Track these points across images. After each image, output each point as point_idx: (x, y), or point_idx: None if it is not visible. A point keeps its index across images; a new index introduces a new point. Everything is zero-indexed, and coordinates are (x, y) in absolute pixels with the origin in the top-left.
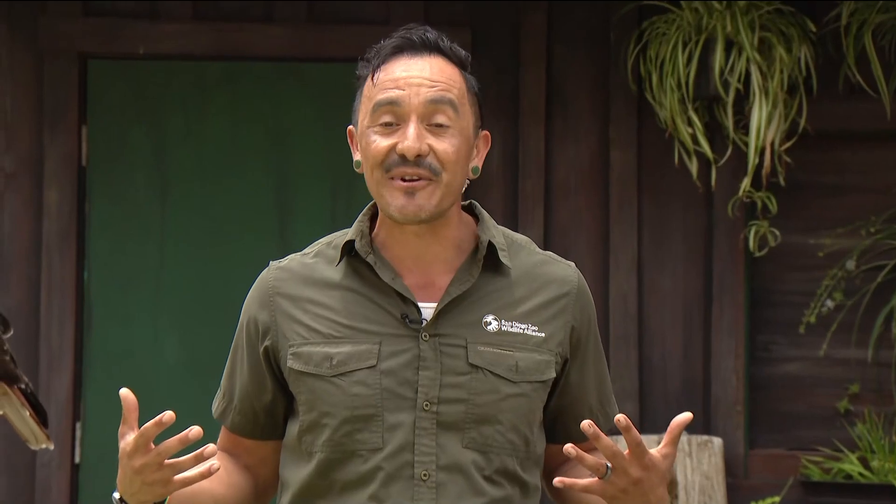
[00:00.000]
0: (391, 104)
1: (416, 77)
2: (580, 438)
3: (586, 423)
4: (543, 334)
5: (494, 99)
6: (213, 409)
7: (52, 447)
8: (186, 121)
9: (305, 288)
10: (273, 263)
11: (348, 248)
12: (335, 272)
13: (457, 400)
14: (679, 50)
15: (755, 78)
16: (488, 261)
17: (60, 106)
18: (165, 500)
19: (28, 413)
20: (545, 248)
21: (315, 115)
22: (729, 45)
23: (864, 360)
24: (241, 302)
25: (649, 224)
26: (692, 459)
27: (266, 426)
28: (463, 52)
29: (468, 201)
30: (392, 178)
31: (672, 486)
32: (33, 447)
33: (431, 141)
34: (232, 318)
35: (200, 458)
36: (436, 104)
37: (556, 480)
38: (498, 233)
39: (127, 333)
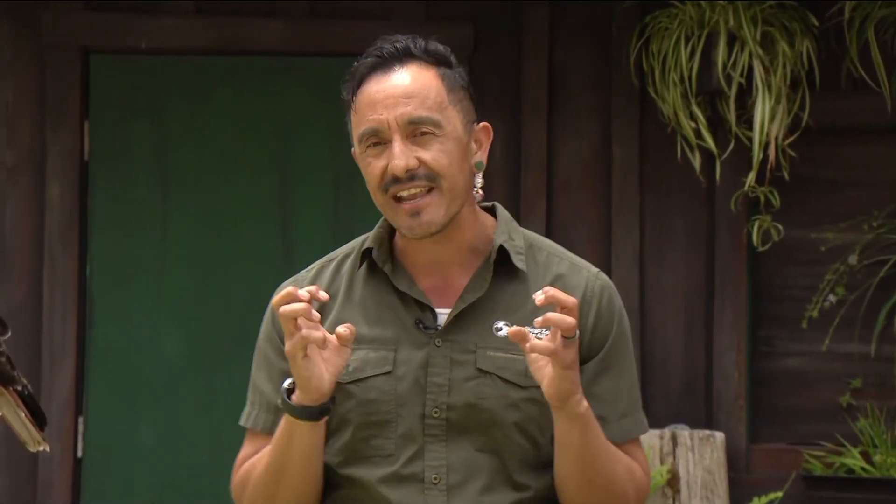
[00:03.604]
0: (373, 132)
1: (390, 97)
2: None
3: (514, 330)
4: None
5: (496, 94)
6: (243, 421)
7: (48, 449)
8: (188, 115)
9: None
10: (286, 281)
11: (367, 256)
12: (356, 279)
13: (465, 405)
14: (682, 44)
15: (758, 72)
16: (505, 264)
17: (62, 100)
18: (327, 409)
19: (24, 415)
20: None
21: (316, 110)
22: (731, 40)
23: (866, 354)
24: (242, 296)
25: (651, 219)
26: (694, 454)
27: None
28: (441, 48)
29: (492, 203)
30: (395, 199)
31: (674, 480)
32: (31, 449)
33: (420, 152)
34: (234, 313)
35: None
36: (414, 123)
37: (510, 331)
38: (518, 235)
39: (129, 328)
